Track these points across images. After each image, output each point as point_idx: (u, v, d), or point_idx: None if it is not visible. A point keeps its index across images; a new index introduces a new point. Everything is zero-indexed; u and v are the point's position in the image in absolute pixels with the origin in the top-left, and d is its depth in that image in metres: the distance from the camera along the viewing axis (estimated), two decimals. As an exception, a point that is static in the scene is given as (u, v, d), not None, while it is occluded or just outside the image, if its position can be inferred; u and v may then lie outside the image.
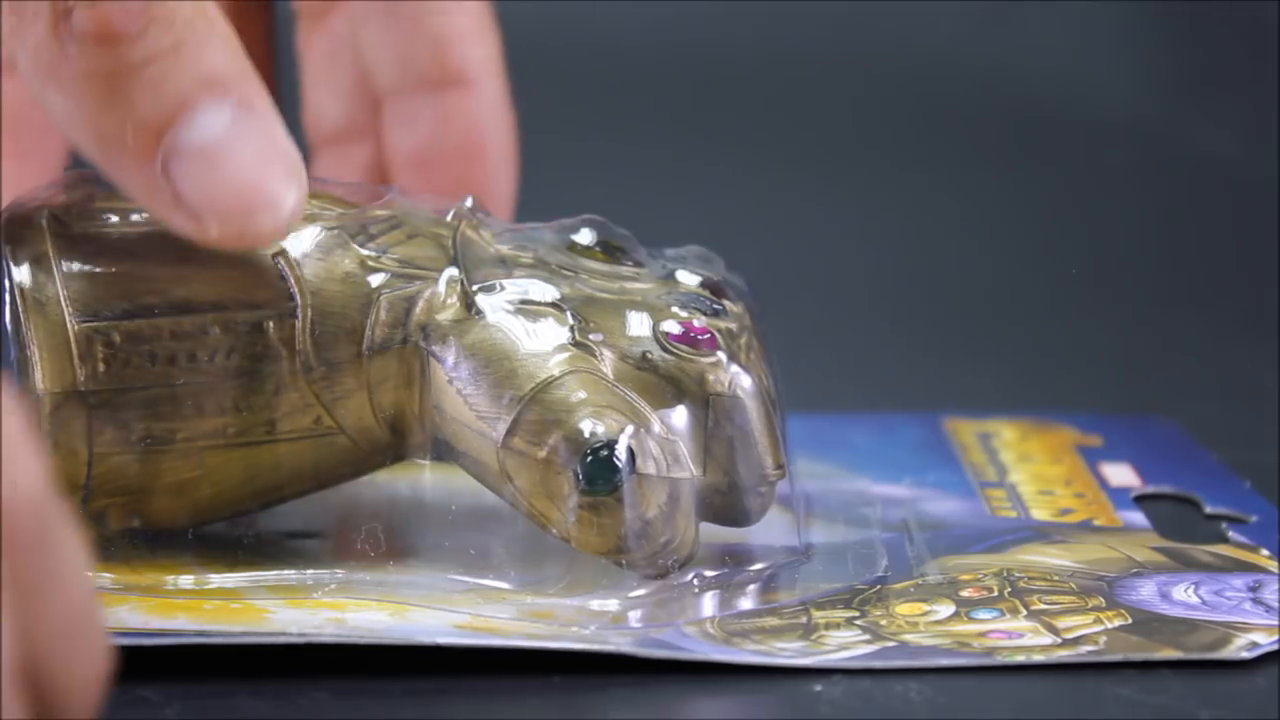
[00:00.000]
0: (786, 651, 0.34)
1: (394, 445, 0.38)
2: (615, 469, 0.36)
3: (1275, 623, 0.35)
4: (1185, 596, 0.36)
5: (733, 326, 0.38)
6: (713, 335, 0.38)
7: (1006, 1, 0.73)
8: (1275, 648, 0.34)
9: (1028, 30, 0.73)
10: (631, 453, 0.36)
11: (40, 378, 0.36)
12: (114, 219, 0.37)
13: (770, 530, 0.40)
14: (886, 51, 0.72)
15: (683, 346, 0.37)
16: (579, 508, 0.36)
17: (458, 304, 0.37)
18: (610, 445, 0.36)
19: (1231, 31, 0.72)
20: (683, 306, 0.38)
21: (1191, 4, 0.72)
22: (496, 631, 0.34)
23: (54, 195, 0.37)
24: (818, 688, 0.33)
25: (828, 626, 0.35)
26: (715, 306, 0.38)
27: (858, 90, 0.71)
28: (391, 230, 0.38)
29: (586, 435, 0.36)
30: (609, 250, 0.39)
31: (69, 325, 0.36)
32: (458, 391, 0.37)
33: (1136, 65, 0.72)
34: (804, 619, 0.35)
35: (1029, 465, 0.45)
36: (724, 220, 0.65)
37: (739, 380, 0.37)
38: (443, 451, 0.38)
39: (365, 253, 0.37)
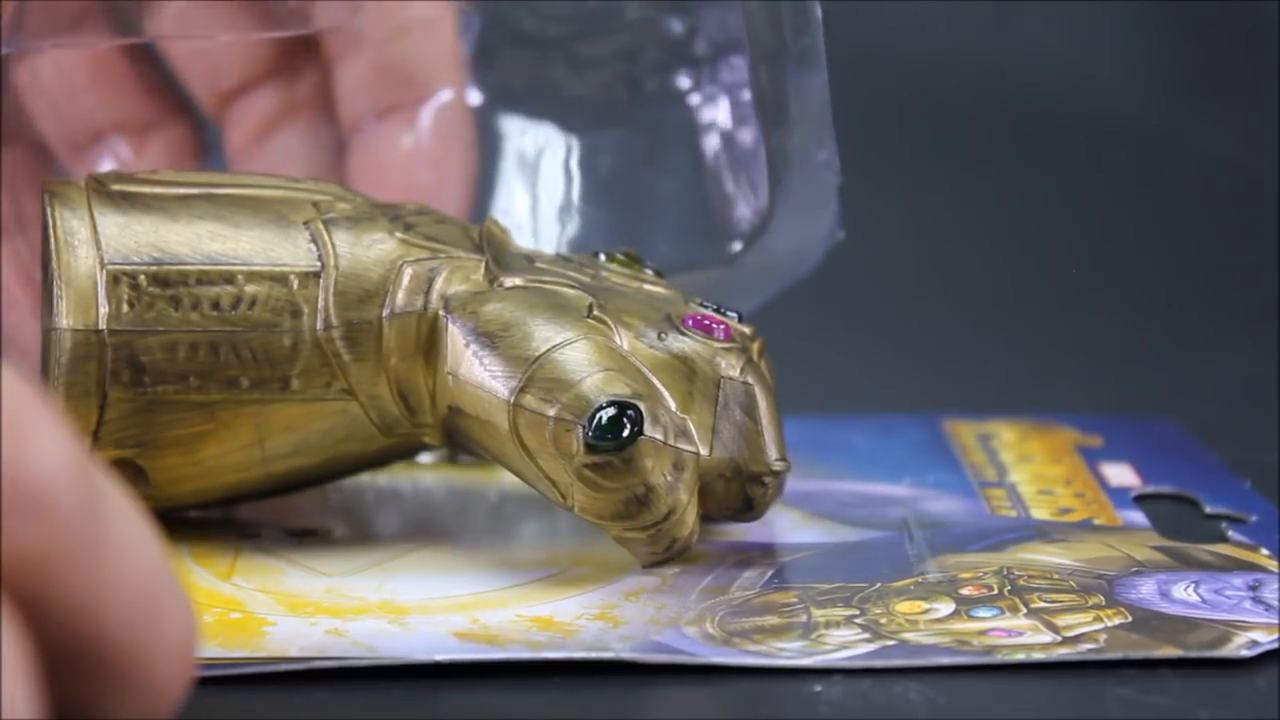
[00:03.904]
0: (786, 652, 0.34)
1: (403, 421, 0.38)
2: (624, 427, 0.36)
3: (1275, 621, 0.35)
4: (1185, 595, 0.36)
5: (747, 330, 0.39)
6: (728, 327, 0.38)
7: (1007, 1, 0.73)
8: (1275, 646, 0.34)
9: (1028, 30, 0.73)
10: (640, 415, 0.36)
11: (62, 314, 0.36)
12: (151, 186, 0.38)
13: (771, 528, 0.40)
14: (887, 51, 0.72)
15: (698, 332, 0.38)
16: (585, 467, 0.36)
17: (480, 278, 0.38)
18: (620, 405, 0.36)
19: (1231, 31, 0.72)
20: (702, 306, 0.39)
21: (1191, 4, 0.72)
22: (496, 639, 0.34)
23: None
24: (818, 688, 0.33)
25: (828, 625, 0.35)
26: (733, 313, 0.39)
27: (857, 90, 0.71)
28: (421, 214, 0.39)
29: (597, 394, 0.36)
30: (630, 261, 0.40)
31: (97, 265, 0.37)
32: (473, 354, 0.37)
33: (1136, 65, 0.72)
34: (804, 617, 0.35)
35: (1029, 465, 0.45)
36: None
37: (751, 368, 0.38)
38: (452, 428, 0.38)
39: (394, 226, 0.38)
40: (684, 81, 0.46)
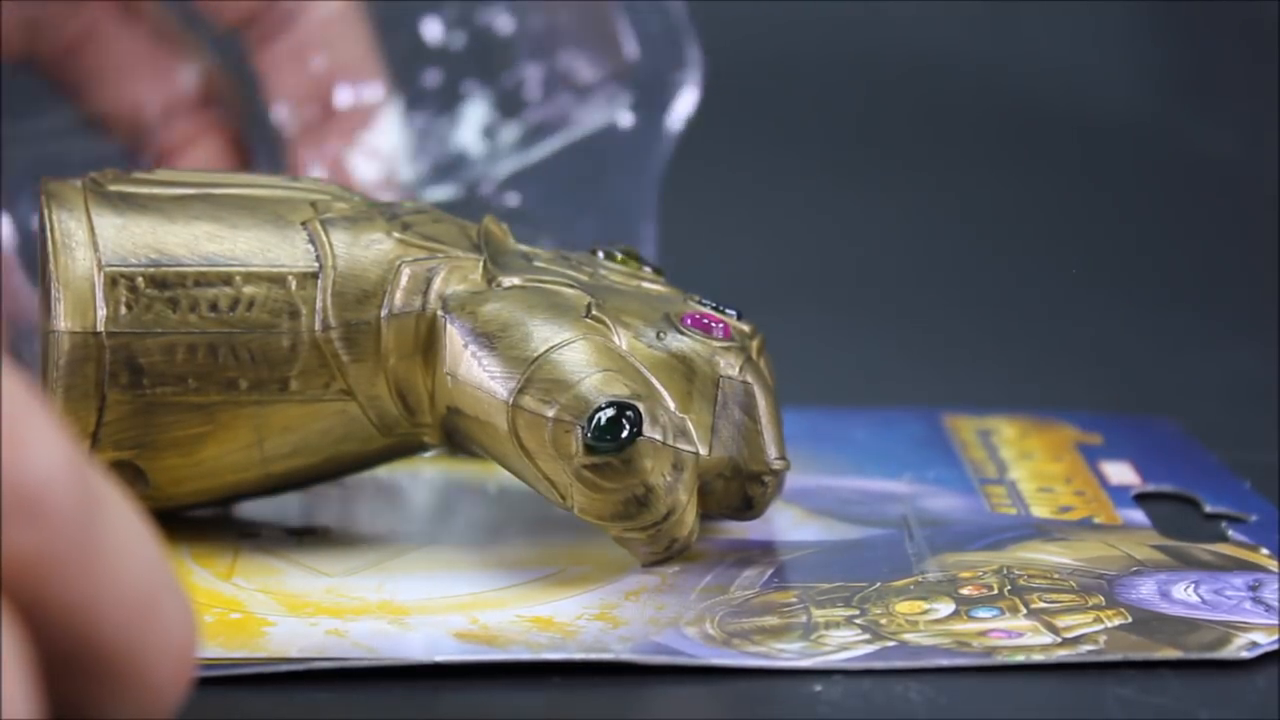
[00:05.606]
0: (787, 653, 0.34)
1: (402, 421, 0.38)
2: (622, 428, 0.36)
3: (1275, 622, 0.35)
4: (1185, 595, 0.36)
5: (746, 328, 0.39)
6: (726, 325, 0.38)
7: (1007, 1, 0.73)
8: (1275, 647, 0.34)
9: (1028, 30, 0.73)
10: (639, 415, 0.36)
11: (61, 316, 0.36)
12: (148, 186, 0.38)
13: (770, 525, 0.40)
14: (887, 52, 0.72)
15: (697, 331, 0.38)
16: (584, 468, 0.36)
17: (478, 278, 0.38)
18: (619, 406, 0.36)
19: (1231, 31, 0.72)
20: (700, 304, 0.39)
21: (1191, 4, 0.72)
22: (496, 640, 0.34)
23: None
24: (818, 688, 0.33)
25: (828, 625, 0.35)
26: (732, 310, 0.39)
27: (858, 90, 0.71)
28: (418, 213, 0.39)
29: (596, 395, 0.36)
30: (629, 259, 0.40)
31: (95, 267, 0.37)
32: (472, 355, 0.37)
33: (1136, 65, 0.72)
34: (804, 618, 0.35)
35: (1029, 462, 0.45)
36: (725, 219, 0.65)
37: (750, 367, 0.38)
38: (451, 428, 0.38)
39: (392, 225, 0.38)
40: None
